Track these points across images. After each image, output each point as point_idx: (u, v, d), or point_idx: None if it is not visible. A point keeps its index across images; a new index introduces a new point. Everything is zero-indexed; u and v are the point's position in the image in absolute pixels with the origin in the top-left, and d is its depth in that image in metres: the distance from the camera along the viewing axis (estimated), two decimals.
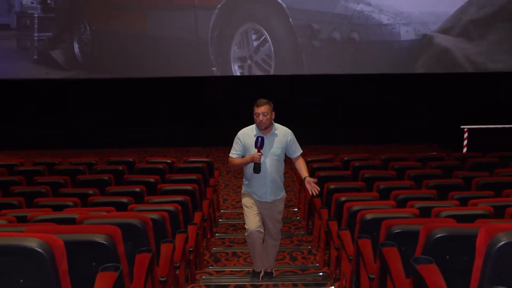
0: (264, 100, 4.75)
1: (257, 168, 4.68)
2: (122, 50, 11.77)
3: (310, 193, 4.90)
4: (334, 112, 11.79)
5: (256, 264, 5.20)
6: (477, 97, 11.52)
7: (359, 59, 11.74)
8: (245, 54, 11.60)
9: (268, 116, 4.73)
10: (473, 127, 10.27)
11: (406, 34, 11.53)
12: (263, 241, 5.19)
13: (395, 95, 11.79)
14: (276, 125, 4.93)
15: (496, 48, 11.47)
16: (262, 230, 5.06)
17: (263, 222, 5.11)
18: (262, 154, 4.68)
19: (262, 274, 5.21)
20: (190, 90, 11.78)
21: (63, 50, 11.67)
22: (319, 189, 4.94)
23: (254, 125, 4.90)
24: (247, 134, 4.89)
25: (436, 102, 11.75)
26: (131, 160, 7.84)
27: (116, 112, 11.89)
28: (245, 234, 5.11)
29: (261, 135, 4.74)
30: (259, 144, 4.64)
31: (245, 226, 5.10)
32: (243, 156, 4.89)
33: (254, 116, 4.79)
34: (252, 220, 4.96)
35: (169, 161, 7.79)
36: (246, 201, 5.06)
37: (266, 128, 4.78)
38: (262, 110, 4.68)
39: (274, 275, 5.25)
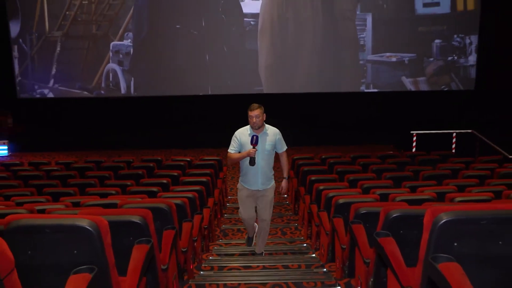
0: (256, 105, 4.62)
1: (252, 161, 4.58)
2: (159, 72, 12.10)
3: (280, 189, 4.95)
4: (315, 121, 12.02)
5: (249, 232, 5.24)
6: (422, 109, 11.83)
7: (332, 80, 12.07)
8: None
9: (260, 118, 4.60)
10: (420, 132, 10.52)
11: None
12: (256, 222, 5.19)
13: (362, 108, 12.03)
14: (267, 125, 4.77)
15: (434, 74, 12.01)
16: (252, 216, 5.01)
17: (257, 209, 5.00)
18: (256, 150, 4.57)
19: (253, 238, 5.27)
20: (205, 107, 12.02)
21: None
22: (285, 192, 5.03)
23: (248, 126, 4.73)
24: (243, 133, 4.74)
25: (393, 114, 11.94)
26: (159, 158, 7.90)
27: (149, 122, 12.13)
28: (241, 220, 5.15)
29: (255, 134, 4.62)
30: (254, 141, 4.54)
31: (239, 215, 5.09)
32: (239, 152, 4.75)
33: (249, 118, 4.64)
34: (245, 211, 4.93)
35: (188, 159, 7.83)
36: (240, 195, 4.95)
37: (258, 128, 4.65)
38: (255, 113, 4.57)
39: (263, 252, 5.19)
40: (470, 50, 11.92)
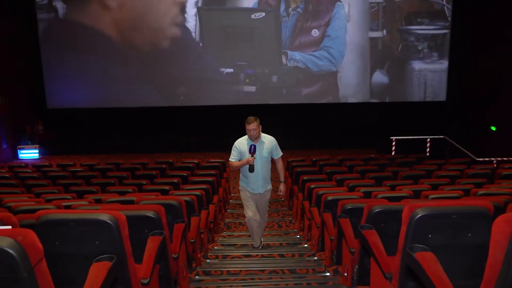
0: (253, 118, 4.50)
1: (252, 168, 4.50)
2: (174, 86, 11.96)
3: (279, 192, 4.85)
4: (307, 128, 11.98)
5: (255, 241, 4.97)
6: (400, 118, 11.77)
7: (320, 93, 11.94)
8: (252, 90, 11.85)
9: (257, 130, 4.50)
10: (398, 137, 10.54)
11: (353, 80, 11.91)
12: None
13: (348, 117, 11.97)
14: (263, 134, 4.65)
15: (410, 87, 11.98)
16: (257, 218, 4.79)
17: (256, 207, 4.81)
18: (255, 158, 4.50)
19: (259, 248, 4.99)
20: (211, 116, 11.95)
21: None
22: (285, 193, 4.90)
23: (246, 136, 4.62)
24: (242, 143, 4.63)
25: (375, 122, 11.90)
26: (171, 160, 7.82)
27: (162, 129, 12.08)
28: (245, 220, 4.87)
29: (253, 143, 4.53)
30: (252, 150, 4.46)
31: (244, 214, 4.85)
32: (240, 160, 4.64)
33: (246, 131, 4.55)
34: (250, 210, 4.74)
35: (196, 161, 7.76)
36: (243, 195, 4.81)
37: (256, 138, 4.55)
38: (252, 127, 4.47)
39: (261, 243, 5.03)
40: (442, 67, 11.95)
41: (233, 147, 4.69)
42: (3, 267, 1.44)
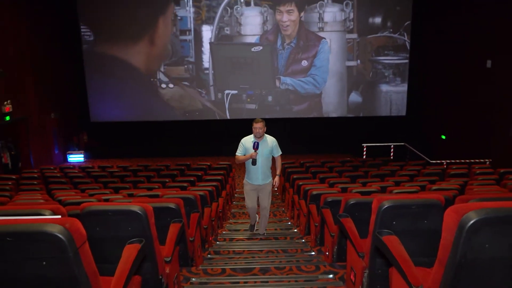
0: (260, 119, 4.35)
1: (254, 162, 4.30)
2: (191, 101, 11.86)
3: (274, 183, 4.57)
4: (297, 137, 11.83)
5: (251, 219, 4.89)
6: (370, 129, 11.75)
7: (309, 109, 11.84)
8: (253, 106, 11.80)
9: (262, 129, 4.32)
10: (368, 144, 10.47)
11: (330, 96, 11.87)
12: (258, 212, 4.82)
13: (330, 129, 11.97)
14: (266, 135, 4.45)
15: (379, 105, 11.93)
16: (256, 206, 4.66)
17: (258, 199, 4.62)
18: (257, 153, 4.30)
19: (255, 225, 4.91)
20: (220, 128, 11.87)
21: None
22: (277, 185, 4.59)
23: (251, 135, 4.41)
24: (247, 141, 4.42)
25: (349, 132, 11.91)
26: (188, 163, 7.81)
27: (182, 138, 12.04)
28: (246, 208, 4.78)
29: (256, 141, 4.34)
30: (256, 146, 4.27)
31: (245, 204, 4.72)
32: (244, 154, 4.41)
33: (253, 129, 4.33)
34: (249, 201, 4.60)
35: (208, 163, 7.76)
36: (246, 189, 4.60)
37: (260, 136, 4.34)
38: (259, 125, 4.28)
39: (265, 233, 4.84)
40: (404, 89, 11.97)
41: (240, 143, 4.46)
42: (55, 248, 1.45)
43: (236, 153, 4.47)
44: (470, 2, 9.33)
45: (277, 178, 4.53)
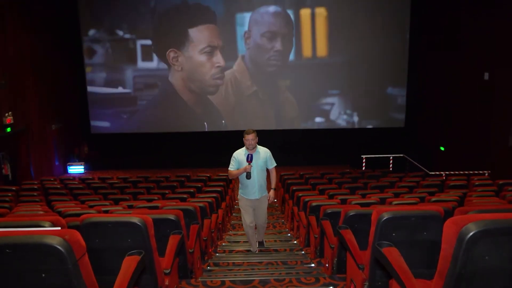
0: (251, 130, 4.08)
1: (248, 175, 4.05)
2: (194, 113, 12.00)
3: (268, 198, 4.28)
4: (295, 148, 11.93)
5: (252, 247, 4.49)
6: (369, 140, 11.74)
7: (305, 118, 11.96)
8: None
9: (254, 141, 4.06)
10: (368, 156, 10.46)
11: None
12: (255, 228, 4.45)
13: (328, 139, 11.95)
14: (259, 146, 4.19)
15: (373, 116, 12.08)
16: (253, 225, 4.33)
17: (254, 214, 4.32)
18: (252, 166, 4.06)
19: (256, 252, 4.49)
20: (220, 139, 11.79)
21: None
22: (274, 200, 4.36)
23: (244, 147, 4.16)
24: (240, 154, 4.16)
25: (349, 143, 11.87)
26: (188, 174, 7.72)
27: (182, 149, 12.05)
28: (243, 227, 4.41)
29: (250, 153, 4.10)
30: (250, 159, 4.04)
31: (242, 221, 4.36)
32: (238, 168, 4.15)
33: (245, 141, 4.09)
34: (247, 218, 4.28)
35: (208, 175, 7.70)
36: (242, 204, 4.31)
37: (253, 148, 4.09)
38: (251, 137, 4.03)
39: (264, 242, 4.67)
40: (401, 99, 11.99)
41: (232, 158, 4.19)
42: (54, 260, 1.44)
43: (229, 168, 4.19)
44: (467, 18, 9.43)
45: (272, 193, 4.24)
